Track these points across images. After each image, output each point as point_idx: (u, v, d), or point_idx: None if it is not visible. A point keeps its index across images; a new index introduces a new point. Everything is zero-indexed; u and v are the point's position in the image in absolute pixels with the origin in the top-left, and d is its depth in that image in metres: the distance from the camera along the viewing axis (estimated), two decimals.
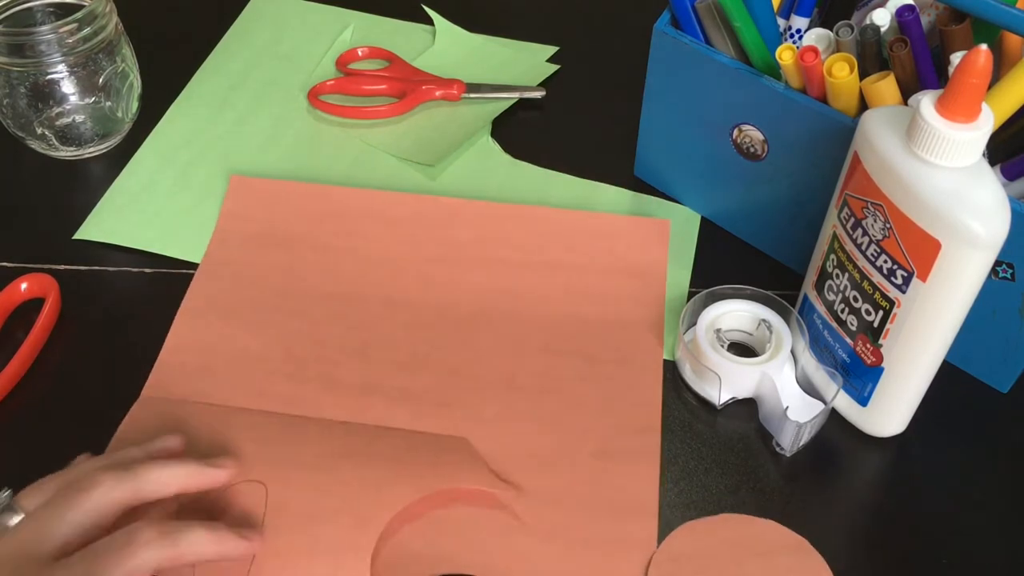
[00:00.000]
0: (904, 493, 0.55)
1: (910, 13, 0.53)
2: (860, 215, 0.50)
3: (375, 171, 0.71)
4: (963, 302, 0.49)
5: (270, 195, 0.67)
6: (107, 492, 0.46)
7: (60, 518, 0.45)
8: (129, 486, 0.46)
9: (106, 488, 0.46)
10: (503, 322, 0.62)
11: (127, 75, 0.70)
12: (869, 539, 0.54)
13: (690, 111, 0.64)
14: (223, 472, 0.50)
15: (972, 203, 0.45)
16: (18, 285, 0.61)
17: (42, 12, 0.69)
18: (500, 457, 0.55)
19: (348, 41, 0.81)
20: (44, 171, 0.70)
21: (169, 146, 0.72)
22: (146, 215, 0.67)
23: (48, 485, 0.47)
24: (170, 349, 0.59)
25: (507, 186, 0.70)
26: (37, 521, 0.45)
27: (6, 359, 0.57)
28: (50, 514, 0.45)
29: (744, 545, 0.52)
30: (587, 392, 0.58)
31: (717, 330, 0.59)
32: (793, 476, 0.56)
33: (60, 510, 0.45)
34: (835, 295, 0.54)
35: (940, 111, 0.45)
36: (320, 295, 0.63)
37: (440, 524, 0.52)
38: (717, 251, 0.67)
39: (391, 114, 0.74)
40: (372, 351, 0.60)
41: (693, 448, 0.57)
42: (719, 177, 0.65)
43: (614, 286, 0.63)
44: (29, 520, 0.45)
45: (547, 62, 0.80)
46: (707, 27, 0.61)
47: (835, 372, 0.56)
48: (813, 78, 0.56)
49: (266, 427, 0.55)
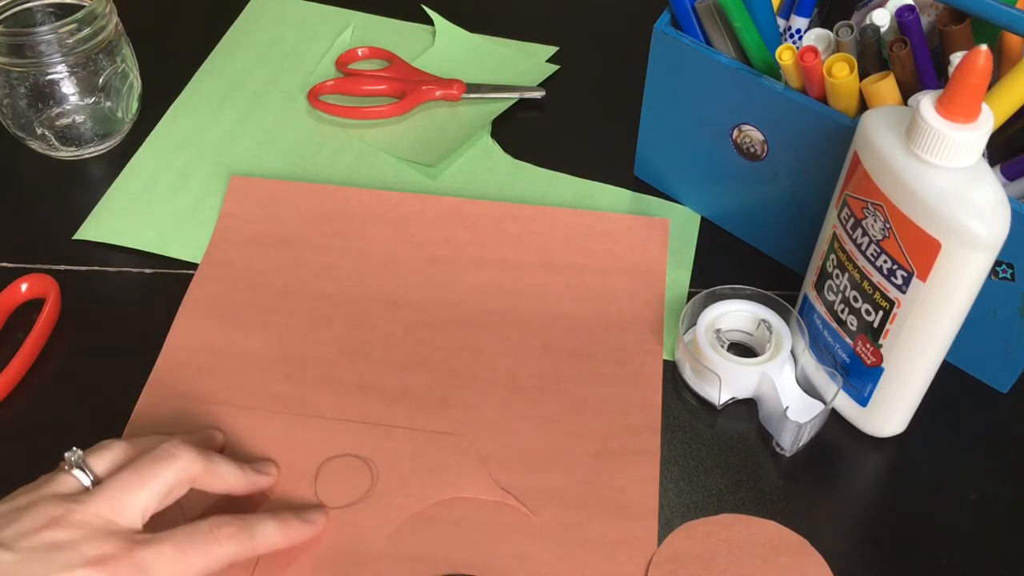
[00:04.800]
0: (904, 493, 0.56)
1: (910, 13, 0.53)
2: (860, 215, 0.50)
3: (375, 171, 0.71)
4: (963, 302, 0.49)
5: (269, 195, 0.67)
6: (186, 467, 0.47)
7: (142, 487, 0.45)
8: (203, 467, 0.48)
9: (185, 463, 0.47)
10: (503, 322, 0.62)
11: (127, 75, 0.70)
12: (869, 539, 0.54)
13: (690, 111, 0.64)
14: (270, 479, 0.52)
15: (972, 203, 0.45)
16: (18, 285, 0.61)
17: (42, 12, 0.69)
18: (500, 457, 0.55)
19: (348, 41, 0.81)
20: (44, 171, 0.70)
21: (169, 146, 0.72)
22: (146, 215, 0.67)
23: (115, 449, 0.47)
24: (170, 350, 0.59)
25: (507, 186, 0.70)
26: (118, 488, 0.45)
27: (6, 359, 0.57)
28: (132, 482, 0.45)
29: (744, 545, 0.52)
30: (587, 392, 0.58)
31: (717, 330, 0.59)
32: (793, 476, 0.56)
33: (143, 479, 0.46)
34: (835, 295, 0.54)
35: (940, 111, 0.45)
36: (320, 295, 0.63)
37: (441, 525, 0.52)
38: (717, 251, 0.67)
39: (391, 114, 0.74)
40: (372, 351, 0.60)
41: (693, 448, 0.57)
42: (719, 177, 0.65)
43: (614, 285, 0.63)
44: (111, 485, 0.45)
45: (547, 62, 0.80)
46: (707, 27, 0.61)
47: (835, 372, 0.56)
48: (813, 78, 0.56)
49: (266, 428, 0.56)
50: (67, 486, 0.45)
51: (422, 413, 0.57)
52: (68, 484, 0.45)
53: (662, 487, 0.55)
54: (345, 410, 0.57)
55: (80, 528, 0.43)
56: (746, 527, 0.53)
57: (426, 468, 0.54)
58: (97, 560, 0.42)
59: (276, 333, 0.60)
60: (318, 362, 0.59)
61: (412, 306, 0.62)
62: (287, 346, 0.60)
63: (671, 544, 0.52)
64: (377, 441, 0.55)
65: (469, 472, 0.54)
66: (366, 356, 0.60)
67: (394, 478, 0.54)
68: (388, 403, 0.57)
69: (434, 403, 0.57)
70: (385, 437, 0.56)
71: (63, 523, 0.43)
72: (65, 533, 0.43)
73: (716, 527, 0.53)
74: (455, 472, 0.54)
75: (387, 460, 0.54)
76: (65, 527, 0.43)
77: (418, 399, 0.58)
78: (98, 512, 0.44)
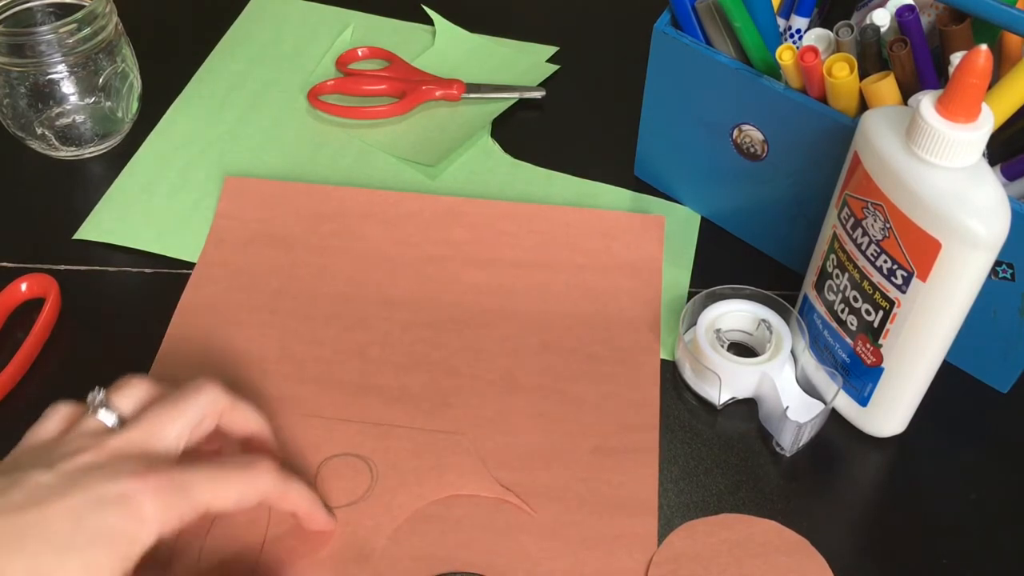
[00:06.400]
0: (904, 493, 0.55)
1: (910, 13, 0.53)
2: (860, 215, 0.50)
3: (375, 171, 0.71)
4: (963, 302, 0.49)
5: (265, 195, 0.67)
6: (215, 399, 0.47)
7: (175, 418, 0.46)
8: (229, 402, 0.48)
9: (214, 395, 0.47)
10: (501, 321, 0.62)
11: (127, 75, 0.70)
12: (869, 539, 0.54)
13: (690, 111, 0.64)
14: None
15: (972, 203, 0.45)
16: (18, 285, 0.61)
17: (42, 12, 0.69)
18: (499, 455, 0.55)
19: (348, 41, 0.81)
20: (44, 171, 0.70)
21: (169, 146, 0.72)
22: (146, 215, 0.67)
23: (139, 386, 0.47)
24: (168, 350, 0.59)
25: (507, 186, 0.70)
26: (152, 419, 0.45)
27: (6, 359, 0.57)
28: (164, 414, 0.46)
29: (744, 545, 0.52)
30: (585, 390, 0.58)
31: (717, 330, 0.59)
32: (793, 476, 0.56)
33: (176, 409, 0.46)
34: (835, 295, 0.54)
35: (940, 111, 0.45)
36: (318, 295, 0.62)
37: (441, 523, 0.52)
38: (717, 251, 0.67)
39: (391, 114, 0.74)
40: (370, 351, 0.60)
41: (693, 448, 0.57)
42: (719, 177, 0.65)
43: (612, 284, 0.63)
44: (144, 417, 0.45)
45: (547, 62, 0.80)
46: (707, 27, 0.61)
47: (835, 372, 0.56)
48: (813, 78, 0.56)
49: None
50: (93, 427, 0.45)
51: (421, 412, 0.57)
52: (93, 426, 0.45)
53: (662, 487, 0.55)
54: (344, 410, 0.57)
55: (117, 453, 0.44)
56: (746, 527, 0.53)
57: (426, 467, 0.54)
58: (136, 474, 0.42)
59: (273, 333, 0.60)
60: (316, 362, 0.59)
61: (410, 305, 0.62)
62: (285, 346, 0.60)
63: (671, 544, 0.52)
64: (376, 440, 0.55)
65: (469, 470, 0.54)
66: (364, 356, 0.60)
67: (394, 477, 0.54)
68: (387, 402, 0.57)
69: (433, 402, 0.57)
70: (384, 436, 0.56)
71: (99, 450, 0.43)
72: (104, 458, 0.43)
73: (716, 527, 0.53)
74: (455, 471, 0.54)
75: (387, 459, 0.54)
76: (102, 454, 0.43)
77: (417, 398, 0.58)
78: (132, 440, 0.44)
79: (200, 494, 0.43)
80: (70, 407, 0.47)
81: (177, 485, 0.43)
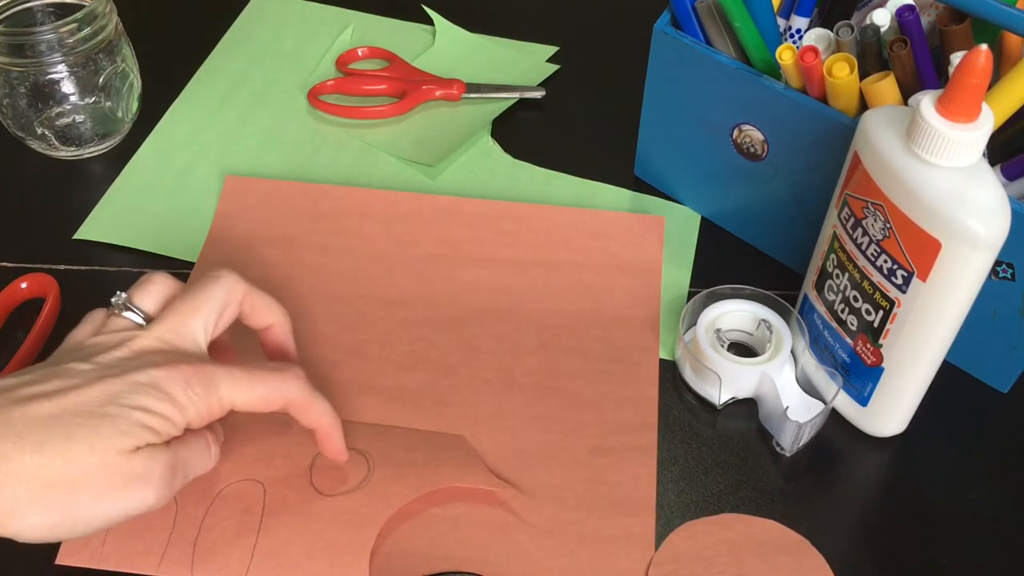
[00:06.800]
0: (904, 493, 0.55)
1: (910, 13, 0.53)
2: (860, 215, 0.50)
3: (375, 171, 0.71)
4: (963, 302, 0.49)
5: (265, 195, 0.67)
6: (233, 285, 0.49)
7: (198, 310, 0.47)
8: (246, 288, 0.50)
9: (231, 281, 0.49)
10: (500, 320, 0.62)
11: (127, 75, 0.70)
12: (869, 539, 0.54)
13: (690, 111, 0.64)
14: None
15: (972, 203, 0.45)
16: (18, 285, 0.61)
17: (42, 12, 0.69)
18: (497, 454, 0.55)
19: (348, 41, 0.81)
20: (44, 171, 0.70)
21: (169, 146, 0.72)
22: (146, 215, 0.67)
23: (160, 282, 0.49)
24: None
25: (507, 186, 0.70)
26: (175, 316, 0.47)
27: (6, 359, 0.57)
28: (186, 308, 0.47)
29: (744, 545, 0.52)
30: (584, 389, 0.58)
31: (717, 330, 0.59)
32: (793, 476, 0.56)
33: (197, 302, 0.48)
34: (835, 295, 0.54)
35: (940, 111, 0.45)
36: (316, 294, 0.62)
37: (438, 522, 0.52)
38: (717, 251, 0.67)
39: (391, 114, 0.74)
40: (369, 350, 0.60)
41: (693, 448, 0.57)
42: (719, 177, 0.65)
43: (610, 283, 0.64)
44: (167, 315, 0.47)
45: (547, 62, 0.80)
46: (707, 27, 0.61)
47: (835, 372, 0.56)
48: (813, 78, 0.56)
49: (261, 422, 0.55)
50: (121, 326, 0.47)
51: (419, 411, 0.57)
52: (121, 324, 0.47)
53: (662, 487, 0.55)
54: (342, 409, 0.56)
55: (146, 349, 0.45)
56: (746, 527, 0.53)
57: (423, 461, 0.54)
58: (166, 365, 0.44)
59: None
60: (315, 361, 0.59)
61: (408, 304, 0.62)
62: None
63: (671, 544, 0.52)
64: (373, 437, 0.55)
65: (467, 464, 0.54)
66: (363, 355, 0.60)
67: (390, 468, 0.53)
68: (385, 401, 0.57)
69: (431, 401, 0.57)
70: (382, 434, 0.56)
71: (129, 346, 0.45)
72: (133, 352, 0.45)
73: (716, 527, 0.53)
74: (452, 464, 0.54)
75: (383, 453, 0.54)
76: (132, 349, 0.45)
77: (415, 397, 0.58)
78: (159, 336, 0.46)
79: (227, 388, 0.45)
80: (104, 312, 0.49)
81: (206, 376, 0.45)
